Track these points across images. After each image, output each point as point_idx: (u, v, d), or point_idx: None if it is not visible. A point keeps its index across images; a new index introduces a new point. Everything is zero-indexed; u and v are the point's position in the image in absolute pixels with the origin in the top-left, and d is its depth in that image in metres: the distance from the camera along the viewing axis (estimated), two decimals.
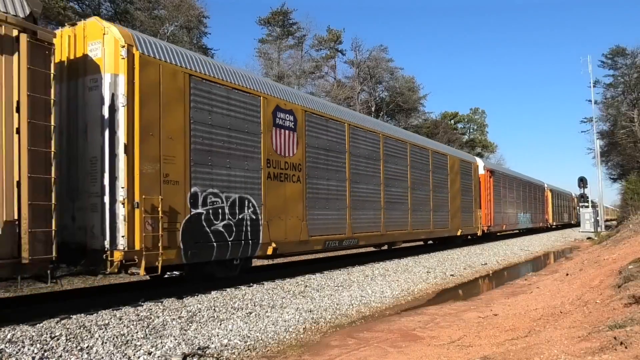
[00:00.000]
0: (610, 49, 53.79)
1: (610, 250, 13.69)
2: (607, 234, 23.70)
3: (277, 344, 6.08)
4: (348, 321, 7.44)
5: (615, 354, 3.85)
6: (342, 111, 14.02)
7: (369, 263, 13.66)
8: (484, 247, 20.90)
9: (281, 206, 10.54)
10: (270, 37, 43.26)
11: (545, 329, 5.79)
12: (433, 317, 7.65)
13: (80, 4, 25.74)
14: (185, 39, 31.02)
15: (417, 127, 48.68)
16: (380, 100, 47.44)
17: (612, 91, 54.88)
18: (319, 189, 11.90)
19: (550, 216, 40.85)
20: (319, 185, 11.92)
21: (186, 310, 7.14)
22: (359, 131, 13.75)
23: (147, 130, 7.69)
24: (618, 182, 55.88)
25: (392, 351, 5.72)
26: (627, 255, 10.20)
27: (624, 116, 50.39)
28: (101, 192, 7.40)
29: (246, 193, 9.61)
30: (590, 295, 7.22)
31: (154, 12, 29.82)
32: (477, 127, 77.57)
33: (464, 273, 13.13)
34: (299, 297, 8.68)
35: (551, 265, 15.58)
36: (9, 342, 5.31)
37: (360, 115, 16.83)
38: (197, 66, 8.82)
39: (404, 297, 9.54)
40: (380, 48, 46.85)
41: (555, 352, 4.35)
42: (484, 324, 6.93)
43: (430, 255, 16.78)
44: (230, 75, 9.60)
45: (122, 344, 5.55)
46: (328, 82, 45.21)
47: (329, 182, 12.31)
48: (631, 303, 5.55)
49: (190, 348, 5.57)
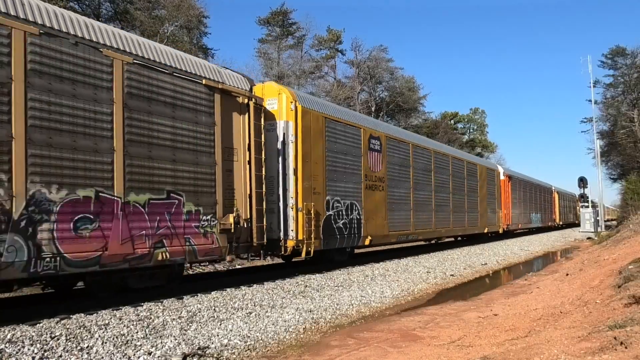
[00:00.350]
0: (610, 49, 53.82)
1: (610, 250, 13.69)
2: (607, 234, 23.70)
3: (277, 344, 6.08)
4: (348, 321, 7.44)
5: (615, 354, 3.85)
6: (408, 134, 18.62)
7: (369, 263, 13.67)
8: (484, 247, 20.91)
9: (373, 209, 14.09)
10: (270, 37, 43.25)
11: (545, 329, 5.79)
12: (433, 317, 7.65)
13: (80, 4, 25.73)
14: (185, 39, 31.01)
15: (417, 127, 48.68)
16: (380, 100, 47.44)
17: (612, 91, 54.89)
18: (394, 195, 15.45)
19: (557, 216, 43.99)
20: (395, 193, 15.50)
21: (186, 310, 7.14)
22: (418, 149, 17.47)
23: (305, 158, 11.29)
24: (618, 182, 55.91)
25: (392, 351, 5.72)
26: (627, 255, 10.21)
27: (624, 116, 50.38)
28: (277, 200, 10.94)
29: (354, 200, 13.24)
30: (590, 295, 7.22)
31: (154, 12, 29.81)
32: (477, 127, 77.57)
33: (464, 273, 13.14)
34: (299, 297, 8.68)
35: (551, 265, 15.58)
36: (9, 342, 5.31)
37: (418, 136, 21.43)
38: (329, 111, 12.70)
39: (404, 297, 9.54)
40: (380, 48, 46.87)
41: (555, 352, 4.35)
42: (484, 324, 6.93)
43: (430, 255, 16.79)
44: (344, 114, 13.77)
45: (122, 344, 5.55)
46: (328, 82, 45.21)
47: (400, 190, 15.90)
48: (631, 303, 5.55)
49: (190, 348, 5.57)
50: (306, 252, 10.94)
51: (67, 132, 6.91)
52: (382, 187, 14.68)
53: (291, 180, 10.89)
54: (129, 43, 7.95)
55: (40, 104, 6.65)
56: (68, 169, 6.86)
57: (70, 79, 6.98)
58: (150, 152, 7.96)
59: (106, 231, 7.23)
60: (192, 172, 8.69)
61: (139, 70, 7.92)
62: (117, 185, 7.42)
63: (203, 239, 8.80)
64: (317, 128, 11.81)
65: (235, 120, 9.68)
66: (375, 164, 14.45)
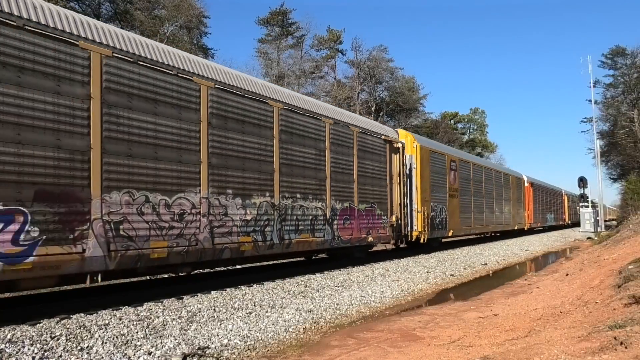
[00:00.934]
0: (610, 49, 53.85)
1: (610, 250, 13.69)
2: (607, 234, 23.70)
3: (277, 344, 6.08)
4: (348, 321, 7.44)
5: (615, 354, 3.85)
6: (469, 156, 26.46)
7: (369, 263, 13.68)
8: (484, 247, 20.92)
9: (452, 211, 19.85)
10: (270, 37, 43.25)
11: (545, 329, 5.79)
12: (433, 317, 7.65)
13: (81, 4, 25.73)
14: (185, 39, 31.00)
15: (417, 127, 48.65)
16: (380, 100, 47.42)
17: (612, 91, 54.88)
18: (464, 202, 21.41)
19: (566, 216, 49.78)
20: (463, 200, 21.46)
21: (186, 310, 7.14)
22: (475, 166, 23.73)
23: (422, 178, 16.92)
24: (618, 182, 55.94)
25: (392, 351, 5.72)
26: (627, 255, 10.21)
27: (624, 116, 50.38)
28: (410, 206, 16.45)
29: (443, 205, 18.89)
30: (590, 295, 7.22)
31: (153, 12, 29.79)
32: (477, 127, 77.56)
33: (464, 273, 13.13)
34: (299, 297, 8.68)
35: (551, 265, 15.58)
36: (9, 342, 5.31)
37: (473, 156, 28.80)
38: (432, 145, 18.92)
39: (404, 297, 9.54)
40: (380, 48, 46.85)
41: (555, 352, 4.35)
42: (484, 324, 6.93)
43: (430, 255, 16.79)
44: (439, 147, 20.15)
45: (122, 344, 5.55)
46: (328, 82, 45.20)
47: (466, 197, 21.79)
48: (631, 303, 5.55)
49: (190, 348, 5.57)
50: (423, 239, 16.61)
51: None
52: (456, 195, 20.51)
53: (414, 193, 16.61)
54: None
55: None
56: (342, 191, 12.98)
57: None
58: (365, 182, 13.99)
59: (353, 224, 13.22)
60: (377, 192, 14.63)
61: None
62: (356, 199, 13.49)
63: (382, 230, 14.71)
64: (426, 158, 17.52)
65: (393, 157, 15.64)
66: (453, 179, 20.27)
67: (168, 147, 8.21)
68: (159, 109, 8.15)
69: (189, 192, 8.48)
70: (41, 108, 6.53)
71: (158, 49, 8.44)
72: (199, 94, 8.89)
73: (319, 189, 11.97)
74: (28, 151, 6.36)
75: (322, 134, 12.28)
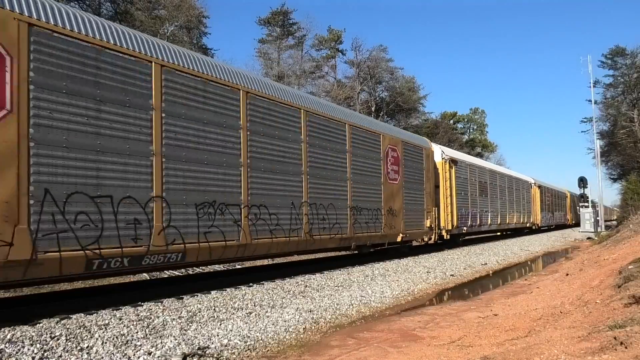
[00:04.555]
0: (610, 49, 53.87)
1: (610, 250, 13.69)
2: (607, 234, 23.70)
3: (277, 344, 6.08)
4: (348, 321, 7.44)
5: (615, 354, 3.85)
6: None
7: (369, 263, 13.67)
8: (484, 247, 20.92)
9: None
10: (270, 37, 43.26)
11: (545, 329, 5.79)
12: (433, 317, 7.65)
13: (81, 3, 25.73)
14: (185, 39, 31.00)
15: (417, 127, 48.65)
16: (380, 100, 47.43)
17: (612, 91, 54.90)
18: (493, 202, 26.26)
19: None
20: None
21: (186, 310, 7.14)
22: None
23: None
24: (618, 182, 55.97)
25: (392, 351, 5.72)
26: (627, 255, 10.20)
27: (624, 116, 50.40)
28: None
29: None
30: (590, 295, 7.21)
31: (154, 12, 29.80)
32: (477, 127, 77.61)
33: (464, 273, 13.13)
34: (299, 297, 8.68)
35: (551, 265, 15.58)
36: (9, 342, 5.31)
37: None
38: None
39: (404, 297, 9.54)
40: (380, 48, 46.92)
41: (555, 352, 4.35)
42: (484, 324, 6.93)
43: (430, 255, 16.79)
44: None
45: (122, 344, 5.55)
46: (328, 82, 45.24)
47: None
48: (631, 303, 5.55)
49: (190, 348, 5.57)
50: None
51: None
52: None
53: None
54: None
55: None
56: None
57: None
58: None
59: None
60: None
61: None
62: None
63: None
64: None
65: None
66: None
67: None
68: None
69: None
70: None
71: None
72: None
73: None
74: None
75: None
